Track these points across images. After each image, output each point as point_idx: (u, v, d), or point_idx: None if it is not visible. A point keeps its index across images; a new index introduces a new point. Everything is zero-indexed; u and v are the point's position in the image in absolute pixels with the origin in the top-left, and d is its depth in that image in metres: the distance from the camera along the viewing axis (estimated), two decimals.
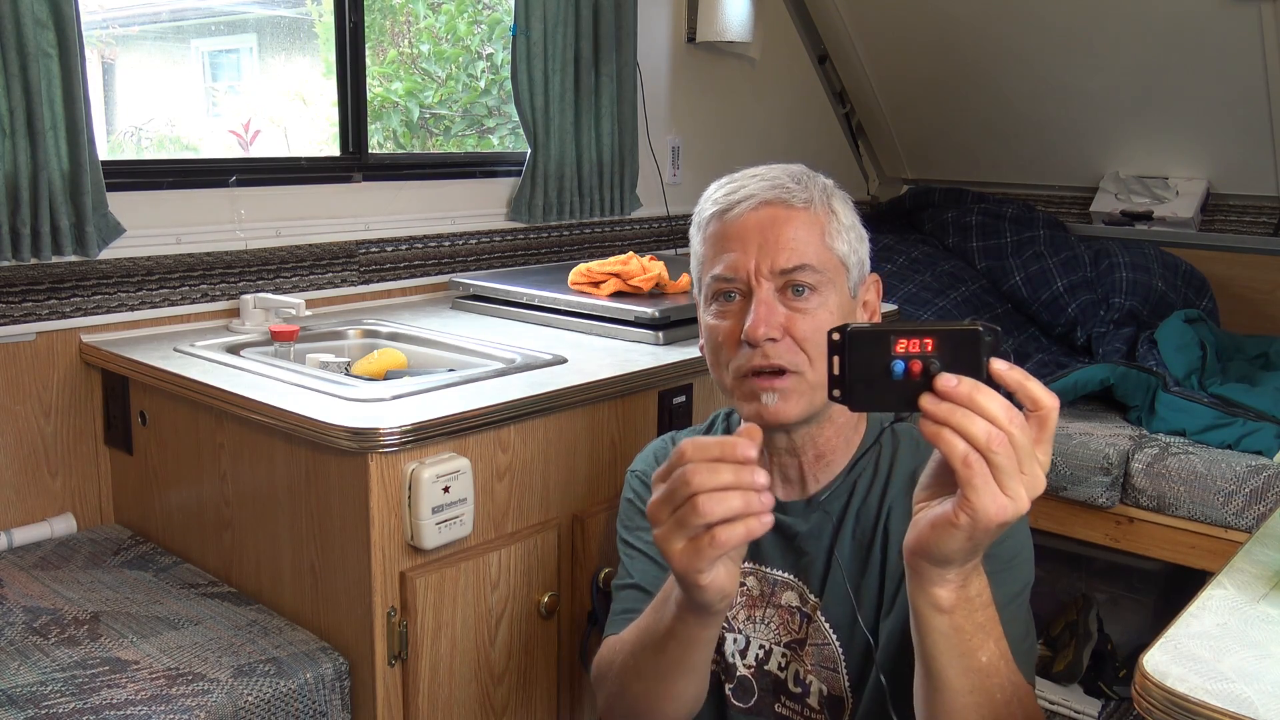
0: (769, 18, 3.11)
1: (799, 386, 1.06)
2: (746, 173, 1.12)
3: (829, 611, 1.12)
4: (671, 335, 1.85)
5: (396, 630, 1.37)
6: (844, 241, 1.10)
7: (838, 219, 1.10)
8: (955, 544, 0.78)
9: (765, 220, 1.07)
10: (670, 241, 2.88)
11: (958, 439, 0.74)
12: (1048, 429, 0.76)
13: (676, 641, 0.99)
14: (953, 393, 0.74)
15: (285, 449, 1.45)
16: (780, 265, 1.05)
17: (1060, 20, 2.89)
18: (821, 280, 1.07)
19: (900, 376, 0.76)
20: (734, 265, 1.07)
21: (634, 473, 1.28)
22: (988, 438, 0.73)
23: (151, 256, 1.83)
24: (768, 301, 1.05)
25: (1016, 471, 0.74)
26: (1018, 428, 0.74)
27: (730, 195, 1.09)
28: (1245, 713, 0.68)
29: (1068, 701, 2.36)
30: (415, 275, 2.26)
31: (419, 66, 2.59)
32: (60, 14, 1.60)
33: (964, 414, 0.74)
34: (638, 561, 1.20)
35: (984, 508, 0.74)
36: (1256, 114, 2.78)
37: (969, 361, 0.75)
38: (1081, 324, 2.84)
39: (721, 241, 1.09)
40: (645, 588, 1.16)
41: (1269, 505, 2.08)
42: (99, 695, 1.24)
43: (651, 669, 1.04)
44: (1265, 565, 0.92)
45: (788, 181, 1.09)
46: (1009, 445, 0.74)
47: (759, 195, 1.08)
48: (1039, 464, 0.76)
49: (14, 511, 1.72)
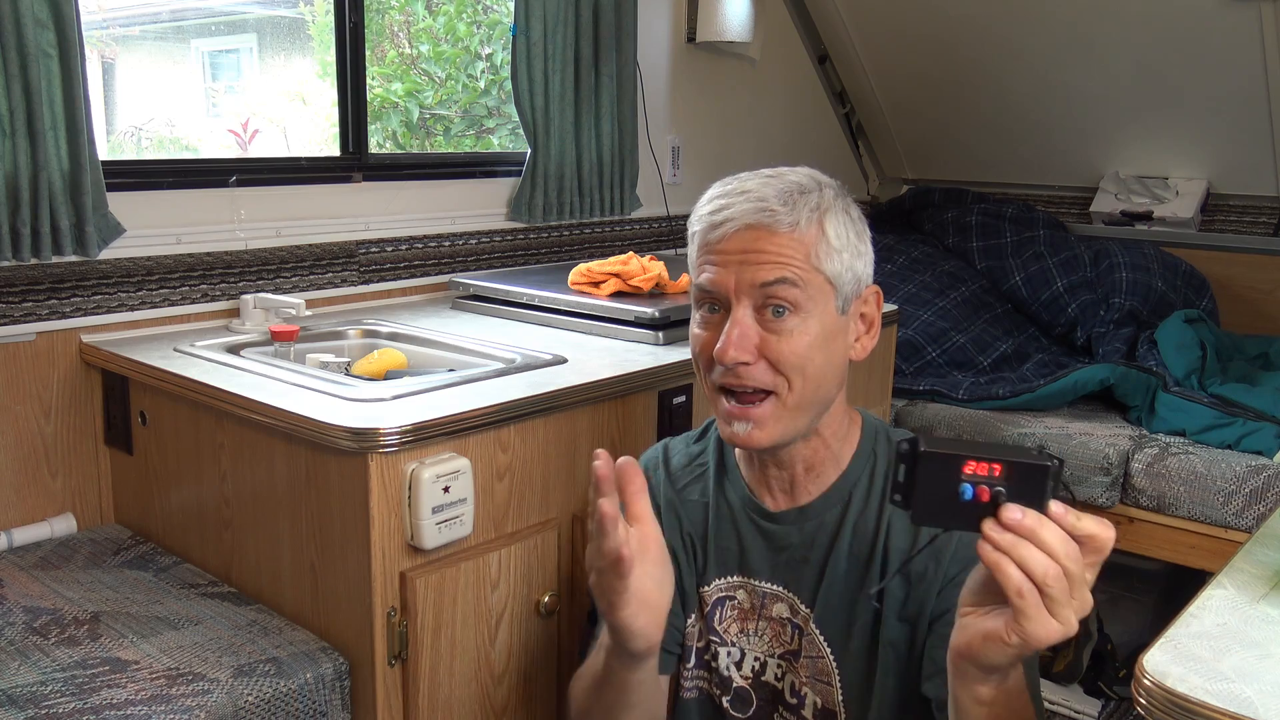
0: (769, 18, 3.11)
1: (775, 411, 1.05)
2: (739, 184, 1.09)
3: (822, 623, 1.11)
4: (671, 335, 1.85)
5: (396, 630, 1.37)
6: (834, 261, 1.06)
7: (827, 240, 1.05)
8: (1004, 658, 0.81)
9: (747, 241, 1.05)
10: (670, 241, 2.88)
11: (1015, 569, 0.77)
12: (1101, 556, 0.79)
13: (610, 684, 1.07)
14: (1017, 525, 0.77)
15: (285, 449, 1.45)
16: (759, 280, 1.03)
17: (1061, 20, 2.89)
18: (802, 299, 1.04)
19: (968, 500, 0.78)
20: (715, 281, 1.06)
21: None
22: (1044, 572, 0.76)
23: (151, 256, 1.83)
24: (742, 323, 1.04)
25: (1069, 600, 0.77)
26: (1073, 561, 0.77)
27: (714, 215, 1.07)
28: (1245, 713, 0.68)
29: (1068, 701, 2.36)
30: (415, 275, 2.26)
31: (419, 67, 2.59)
32: (60, 14, 1.60)
33: (1026, 546, 0.77)
34: None
35: (1034, 633, 0.77)
36: (1256, 114, 2.78)
37: (1034, 493, 0.77)
38: (1081, 324, 2.84)
39: (705, 253, 1.08)
40: None
41: (1269, 505, 2.08)
42: (99, 695, 1.24)
43: (598, 708, 1.12)
44: (1265, 565, 0.92)
45: (774, 204, 1.05)
46: (1064, 579, 0.76)
47: (741, 219, 1.05)
48: (1087, 587, 0.79)
49: (14, 511, 1.72)
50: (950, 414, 2.51)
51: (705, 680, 1.19)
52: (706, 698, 1.19)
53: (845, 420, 1.15)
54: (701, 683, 1.19)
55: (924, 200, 3.35)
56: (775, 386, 1.05)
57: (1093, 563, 0.78)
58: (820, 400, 1.08)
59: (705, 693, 1.19)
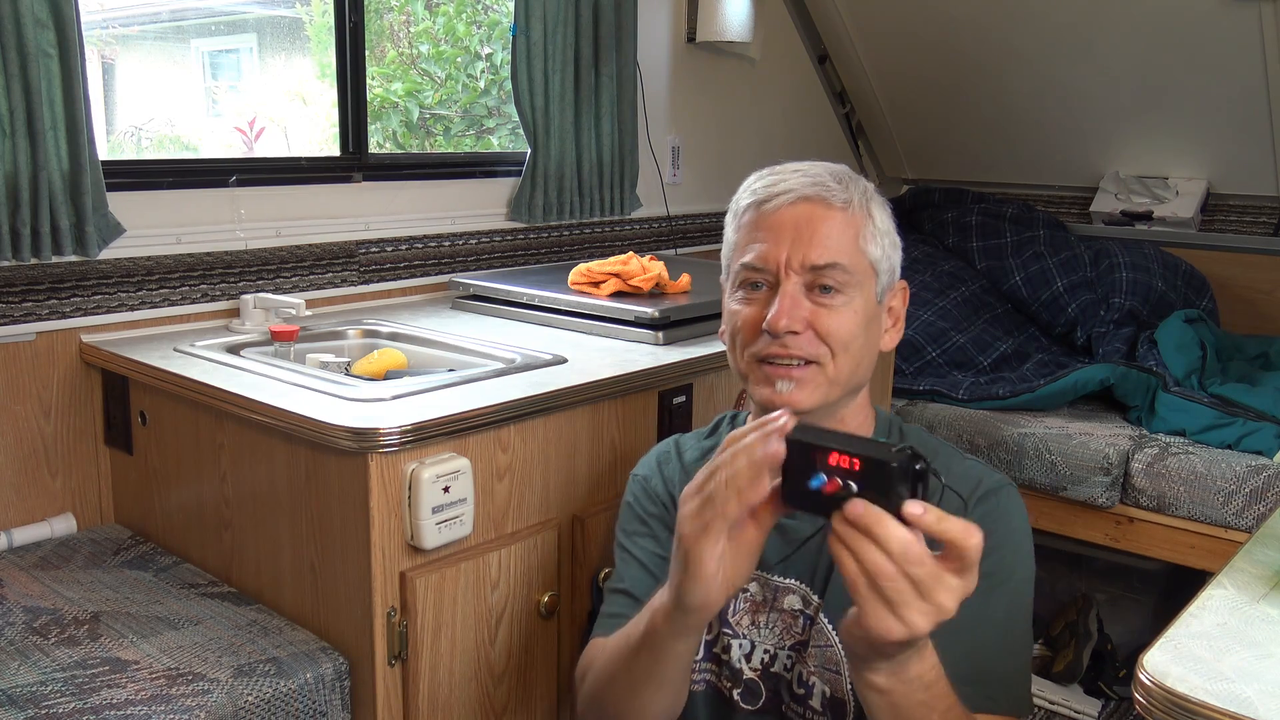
0: (769, 18, 3.11)
1: (816, 377, 1.07)
2: (789, 166, 1.12)
3: (831, 613, 1.11)
4: (671, 335, 1.85)
5: (396, 630, 1.37)
6: (877, 246, 1.09)
7: (874, 223, 1.10)
8: (862, 649, 0.81)
9: (802, 216, 1.07)
10: (670, 241, 2.88)
11: (852, 564, 0.76)
12: (967, 563, 0.76)
13: (648, 650, 1.00)
14: (856, 519, 0.76)
15: (285, 449, 1.45)
16: (811, 261, 1.05)
17: (1061, 20, 2.89)
18: (849, 281, 1.07)
19: (817, 489, 0.78)
20: (764, 255, 1.07)
21: (636, 477, 1.28)
22: (877, 570, 0.75)
23: (151, 256, 1.83)
24: (793, 294, 1.06)
25: (913, 602, 0.76)
26: (915, 564, 0.75)
27: (770, 187, 1.10)
28: (1245, 713, 0.68)
29: (1068, 701, 2.36)
30: (415, 275, 2.26)
31: (419, 67, 2.59)
32: (60, 14, 1.60)
33: (864, 542, 0.76)
34: (631, 567, 1.20)
35: (873, 627, 0.77)
36: (1256, 114, 2.78)
37: (885, 491, 0.76)
38: (1081, 324, 2.84)
39: (755, 231, 1.09)
40: (635, 594, 1.16)
41: (1269, 505, 2.08)
42: (99, 695, 1.24)
43: (624, 677, 1.05)
44: (1265, 565, 0.92)
45: (829, 180, 1.09)
46: (902, 580, 0.75)
47: (798, 190, 1.08)
48: (952, 593, 0.76)
49: (14, 511, 1.72)
50: (950, 414, 2.51)
51: (713, 673, 1.19)
52: (714, 691, 1.19)
53: (867, 414, 1.17)
54: (709, 675, 1.19)
55: (924, 200, 3.35)
56: (819, 357, 1.06)
57: (955, 568, 0.76)
58: (855, 382, 1.11)
59: (713, 685, 1.19)
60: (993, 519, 1.04)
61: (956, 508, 1.02)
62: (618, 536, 1.25)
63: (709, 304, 1.98)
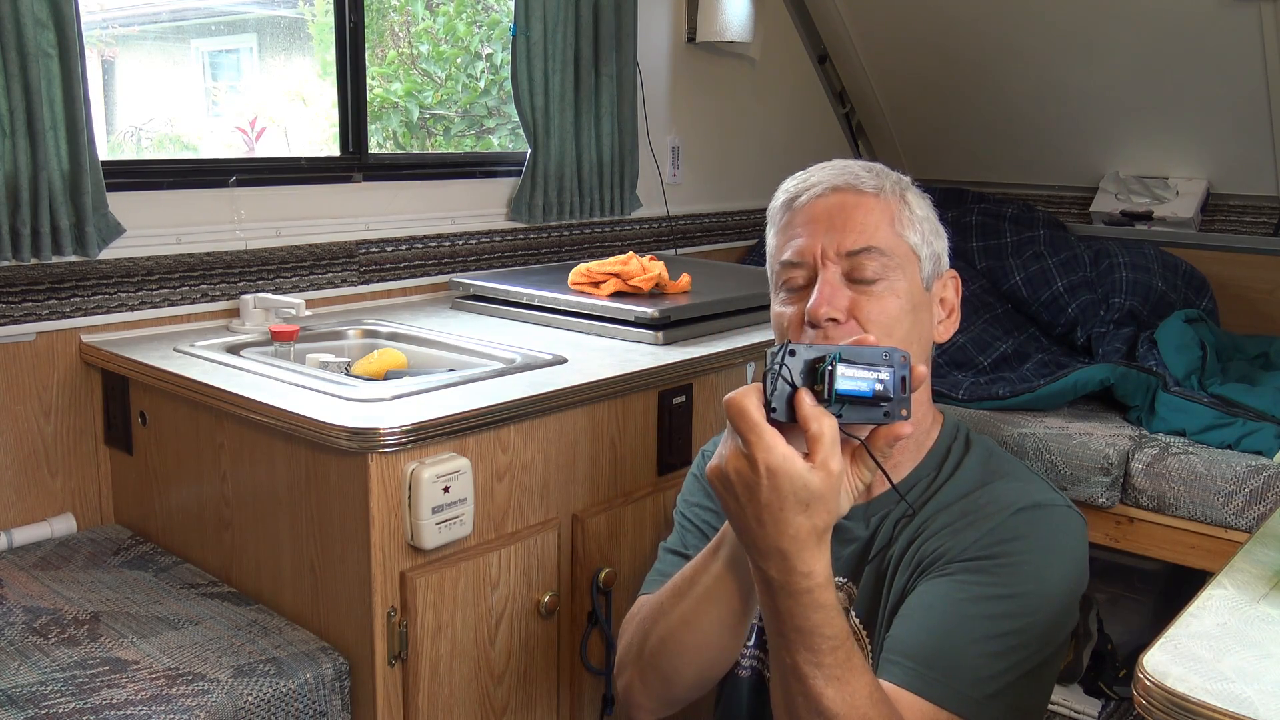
0: (769, 18, 3.11)
1: None
2: (817, 165, 1.13)
3: (859, 606, 1.11)
4: (671, 335, 1.85)
5: (396, 630, 1.37)
6: (915, 231, 1.09)
7: (909, 208, 1.09)
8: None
9: (834, 205, 1.07)
10: (670, 241, 2.88)
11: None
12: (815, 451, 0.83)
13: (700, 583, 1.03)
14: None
15: (285, 449, 1.45)
16: (846, 247, 1.05)
17: (1060, 20, 2.89)
18: (889, 265, 1.05)
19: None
20: (800, 250, 1.07)
21: (705, 451, 1.29)
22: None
23: (151, 256, 1.83)
24: (831, 282, 1.05)
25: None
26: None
27: (800, 184, 1.10)
28: (1245, 713, 0.68)
29: (1068, 701, 2.36)
30: (415, 275, 2.26)
31: (419, 67, 2.59)
32: (60, 14, 1.60)
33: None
34: (690, 535, 1.22)
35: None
36: (1256, 114, 2.78)
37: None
38: (1081, 324, 2.83)
39: (789, 229, 1.09)
40: (690, 556, 1.16)
41: (1269, 505, 2.08)
42: (99, 695, 1.24)
43: (676, 610, 1.06)
44: (1265, 565, 0.92)
45: (858, 170, 1.09)
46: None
47: (827, 182, 1.08)
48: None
49: (14, 511, 1.72)
50: (950, 414, 2.50)
51: (760, 660, 1.20)
52: (758, 677, 1.20)
53: (930, 413, 1.16)
54: (756, 662, 1.20)
55: None
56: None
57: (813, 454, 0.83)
58: None
59: (758, 673, 1.20)
60: (1025, 524, 1.03)
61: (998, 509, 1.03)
62: (679, 505, 1.26)
63: (709, 304, 1.98)
